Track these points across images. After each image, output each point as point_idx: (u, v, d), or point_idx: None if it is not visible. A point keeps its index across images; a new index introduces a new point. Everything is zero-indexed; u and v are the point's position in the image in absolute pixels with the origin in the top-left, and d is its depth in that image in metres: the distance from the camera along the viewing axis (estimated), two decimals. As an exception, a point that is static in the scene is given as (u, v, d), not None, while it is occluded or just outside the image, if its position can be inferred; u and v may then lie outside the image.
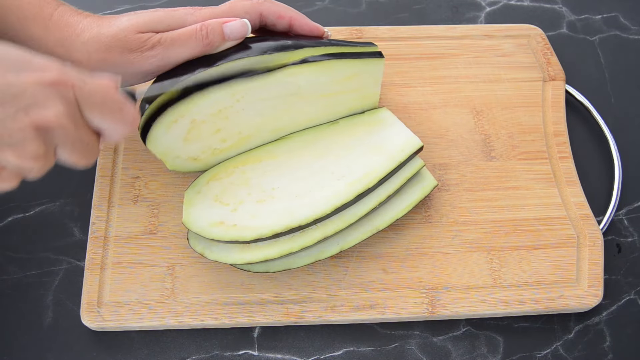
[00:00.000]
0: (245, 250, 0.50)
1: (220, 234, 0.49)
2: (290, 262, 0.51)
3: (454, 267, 0.54)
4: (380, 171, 0.51)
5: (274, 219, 0.49)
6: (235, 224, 0.49)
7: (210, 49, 0.49)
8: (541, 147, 0.59)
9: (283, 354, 0.52)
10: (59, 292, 0.53)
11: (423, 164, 0.53)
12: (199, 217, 0.50)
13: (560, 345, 0.53)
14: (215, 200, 0.51)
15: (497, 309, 0.52)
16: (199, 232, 0.49)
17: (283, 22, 0.52)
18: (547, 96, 0.62)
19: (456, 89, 0.62)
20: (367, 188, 0.50)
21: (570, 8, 0.71)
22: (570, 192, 0.57)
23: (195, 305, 0.51)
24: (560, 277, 0.53)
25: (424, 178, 0.55)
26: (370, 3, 0.70)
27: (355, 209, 0.51)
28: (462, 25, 0.66)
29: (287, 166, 0.53)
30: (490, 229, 0.55)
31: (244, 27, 0.50)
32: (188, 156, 0.52)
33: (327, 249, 0.51)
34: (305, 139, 0.55)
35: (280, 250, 0.49)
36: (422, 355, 0.52)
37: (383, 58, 0.53)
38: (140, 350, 0.51)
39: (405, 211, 0.53)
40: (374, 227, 0.52)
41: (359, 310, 0.52)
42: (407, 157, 0.52)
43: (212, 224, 0.50)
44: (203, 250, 0.50)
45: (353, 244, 0.52)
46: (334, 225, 0.50)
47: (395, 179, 0.52)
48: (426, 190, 0.54)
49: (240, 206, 0.51)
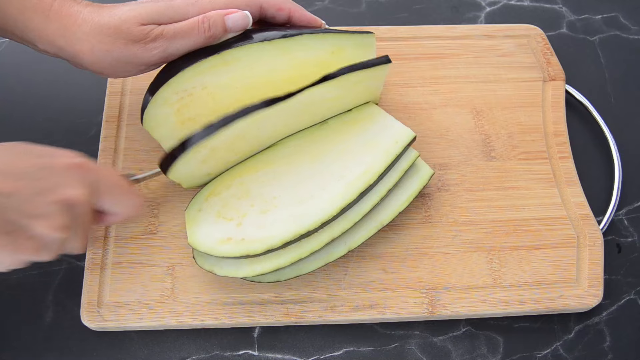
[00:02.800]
0: (255, 262, 0.49)
1: (230, 251, 0.48)
2: (300, 268, 0.51)
3: (454, 267, 0.54)
4: (378, 167, 0.51)
5: (281, 228, 0.49)
6: (243, 238, 0.49)
7: (212, 40, 0.50)
8: (541, 147, 0.59)
9: (283, 354, 0.52)
10: (59, 292, 0.53)
11: (418, 154, 0.53)
12: (204, 236, 0.50)
13: (560, 345, 0.53)
14: (218, 217, 0.51)
15: (497, 309, 0.52)
16: (208, 251, 0.49)
17: (282, 14, 0.52)
18: (547, 96, 0.62)
19: (456, 89, 0.62)
20: (368, 185, 0.50)
21: (570, 8, 0.71)
22: (570, 192, 0.57)
23: (195, 305, 0.51)
24: (560, 277, 0.53)
25: (420, 169, 0.55)
26: (370, 3, 0.70)
27: (359, 207, 0.51)
28: (462, 25, 0.66)
29: (285, 173, 0.53)
30: (490, 229, 0.55)
31: (246, 19, 0.50)
32: (203, 174, 0.52)
33: (336, 250, 0.51)
34: (298, 143, 0.54)
35: (290, 258, 0.49)
36: (422, 355, 0.52)
37: (390, 62, 0.53)
38: (140, 350, 0.51)
39: (407, 203, 0.53)
40: (378, 222, 0.52)
41: (359, 310, 0.52)
42: (402, 150, 0.52)
43: (219, 241, 0.49)
44: (212, 268, 0.50)
45: (360, 242, 0.52)
46: (340, 225, 0.50)
47: (393, 172, 0.52)
48: (424, 180, 0.54)
49: (244, 219, 0.50)
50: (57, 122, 0.61)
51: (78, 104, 0.62)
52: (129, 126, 0.59)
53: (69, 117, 0.60)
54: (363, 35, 0.54)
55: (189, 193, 0.55)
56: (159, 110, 0.51)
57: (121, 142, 0.58)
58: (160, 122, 0.52)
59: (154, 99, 0.50)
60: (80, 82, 0.62)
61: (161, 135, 0.52)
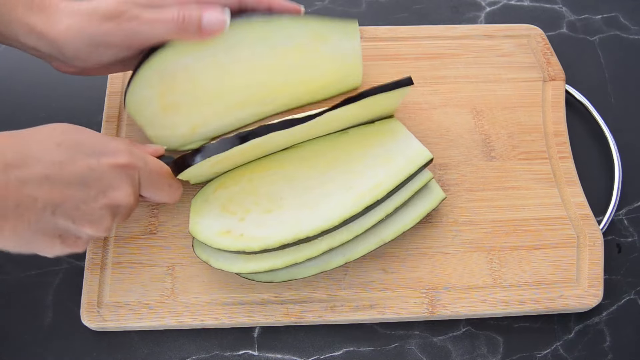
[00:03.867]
0: (250, 259, 0.49)
1: (226, 244, 0.48)
2: (295, 272, 0.51)
3: (454, 267, 0.54)
4: (389, 183, 0.50)
5: (281, 230, 0.49)
6: (242, 233, 0.49)
7: (184, 36, 0.50)
8: (541, 147, 0.59)
9: (283, 354, 0.52)
10: (59, 292, 0.53)
11: (431, 176, 0.53)
12: (205, 226, 0.50)
13: (560, 345, 0.53)
14: (223, 210, 0.51)
15: (497, 309, 0.52)
16: (205, 241, 0.49)
17: (262, 5, 0.53)
18: (547, 96, 0.62)
19: (456, 89, 0.62)
20: (376, 200, 0.50)
21: (570, 8, 0.71)
22: (570, 192, 0.57)
23: (195, 305, 0.51)
24: (560, 277, 0.53)
25: (432, 191, 0.54)
26: (370, 3, 0.70)
27: (362, 221, 0.50)
28: (462, 25, 0.66)
29: (296, 176, 0.53)
30: (490, 229, 0.55)
31: (222, 23, 0.50)
32: (212, 173, 0.52)
33: (333, 260, 0.51)
34: (314, 148, 0.54)
35: (285, 261, 0.49)
36: (422, 355, 0.52)
37: (412, 84, 0.52)
38: (140, 350, 0.51)
39: (412, 224, 0.52)
40: (379, 239, 0.52)
41: (359, 310, 0.52)
42: (417, 170, 0.51)
43: (218, 233, 0.49)
44: (208, 259, 0.50)
45: (358, 255, 0.51)
46: (341, 236, 0.50)
47: (403, 191, 0.52)
48: (434, 203, 0.53)
49: (247, 215, 0.50)
50: (57, 121, 0.60)
51: (78, 104, 0.62)
52: (129, 126, 0.59)
53: (69, 117, 0.60)
54: (345, 21, 0.54)
55: (189, 193, 0.55)
56: (142, 92, 0.51)
57: (121, 142, 0.58)
58: (144, 105, 0.52)
59: (135, 79, 0.50)
60: (81, 82, 0.62)
61: (145, 120, 0.53)
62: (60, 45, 0.49)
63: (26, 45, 0.50)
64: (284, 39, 0.53)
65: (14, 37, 0.50)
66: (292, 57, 0.54)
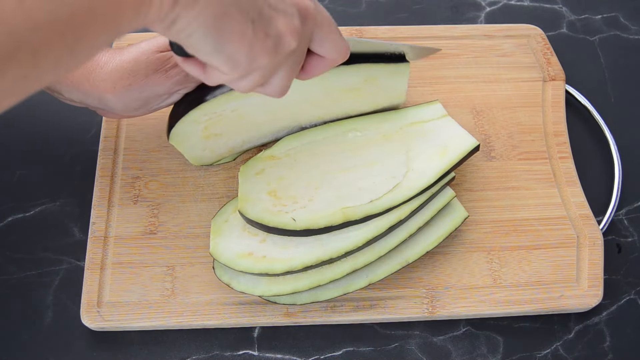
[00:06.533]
0: (273, 282, 0.49)
1: (249, 266, 0.48)
2: (318, 294, 0.50)
3: (454, 267, 0.54)
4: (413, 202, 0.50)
5: (304, 251, 0.49)
6: (265, 255, 0.49)
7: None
8: (541, 147, 0.59)
9: (283, 354, 0.52)
10: (59, 292, 0.53)
11: (454, 194, 0.53)
12: (226, 247, 0.50)
13: (560, 345, 0.53)
14: (244, 230, 0.51)
15: (497, 309, 0.52)
16: (227, 263, 0.49)
17: None
18: (547, 96, 0.62)
19: (456, 89, 0.62)
20: (399, 220, 0.50)
21: (570, 8, 0.71)
22: (570, 192, 0.57)
23: (195, 305, 0.51)
24: (560, 277, 0.53)
25: (455, 209, 0.54)
26: (370, 3, 0.70)
27: (386, 242, 0.50)
28: (462, 25, 0.66)
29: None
30: (490, 229, 0.55)
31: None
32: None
33: (356, 282, 0.51)
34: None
35: (308, 283, 0.49)
36: (422, 355, 0.52)
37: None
38: (140, 350, 0.51)
39: (436, 243, 0.52)
40: (403, 259, 0.52)
41: (359, 310, 0.52)
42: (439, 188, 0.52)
43: (240, 255, 0.49)
44: (230, 281, 0.50)
45: (382, 276, 0.51)
46: (364, 257, 0.50)
47: (426, 210, 0.52)
48: (457, 222, 0.53)
49: (269, 237, 0.50)
50: (58, 121, 0.60)
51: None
52: (129, 126, 0.59)
53: (69, 117, 0.60)
54: (397, 64, 0.53)
55: (189, 193, 0.56)
56: (187, 128, 0.51)
57: (121, 142, 0.58)
58: (187, 137, 0.52)
59: (183, 120, 0.50)
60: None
61: (186, 148, 0.53)
62: (111, 104, 0.49)
63: (72, 101, 0.51)
64: (339, 83, 0.53)
65: (57, 92, 0.50)
66: (344, 97, 0.54)
